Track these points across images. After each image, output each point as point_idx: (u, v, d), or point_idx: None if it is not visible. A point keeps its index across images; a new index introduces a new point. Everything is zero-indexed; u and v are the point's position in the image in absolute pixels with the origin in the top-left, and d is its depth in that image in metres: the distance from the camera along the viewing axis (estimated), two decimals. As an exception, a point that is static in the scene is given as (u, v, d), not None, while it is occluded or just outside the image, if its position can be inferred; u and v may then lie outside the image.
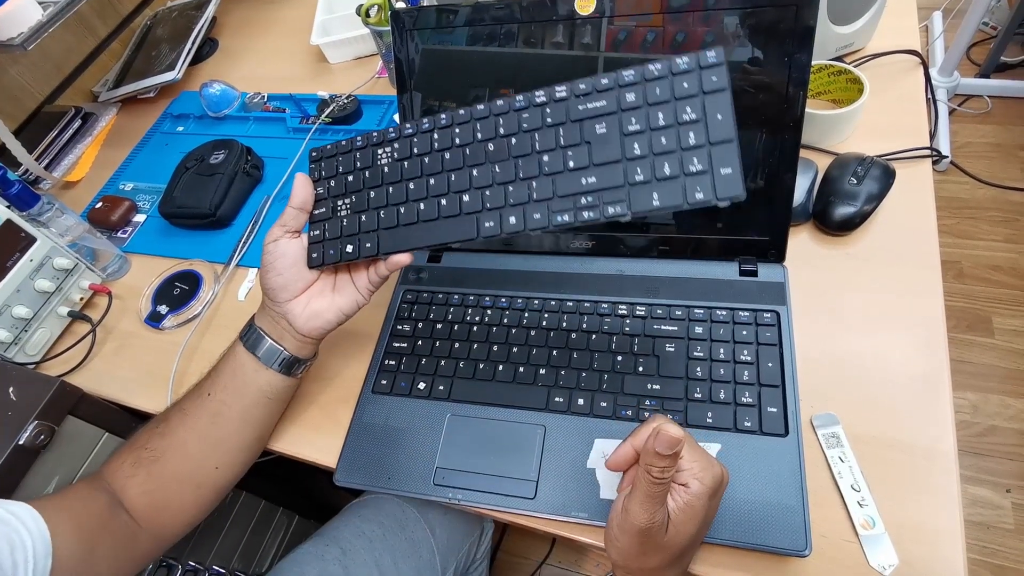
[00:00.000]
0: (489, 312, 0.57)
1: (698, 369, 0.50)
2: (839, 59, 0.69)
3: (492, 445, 0.50)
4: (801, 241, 0.58)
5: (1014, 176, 1.53)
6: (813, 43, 0.48)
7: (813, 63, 0.64)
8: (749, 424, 0.46)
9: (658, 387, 0.49)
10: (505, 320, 0.56)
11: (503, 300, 0.57)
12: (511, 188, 0.42)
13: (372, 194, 0.47)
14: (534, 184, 0.41)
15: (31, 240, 0.64)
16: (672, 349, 0.51)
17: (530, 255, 0.60)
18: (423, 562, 0.63)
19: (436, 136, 0.45)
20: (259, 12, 1.09)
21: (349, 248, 0.47)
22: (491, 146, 0.43)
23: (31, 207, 0.66)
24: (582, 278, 0.58)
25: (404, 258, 0.46)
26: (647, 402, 0.49)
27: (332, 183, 0.49)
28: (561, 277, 0.58)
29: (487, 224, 0.42)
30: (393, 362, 0.56)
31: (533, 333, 0.55)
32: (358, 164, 0.48)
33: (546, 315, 0.55)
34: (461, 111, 0.44)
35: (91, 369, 0.66)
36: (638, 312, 0.54)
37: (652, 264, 0.57)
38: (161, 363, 0.64)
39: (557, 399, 0.51)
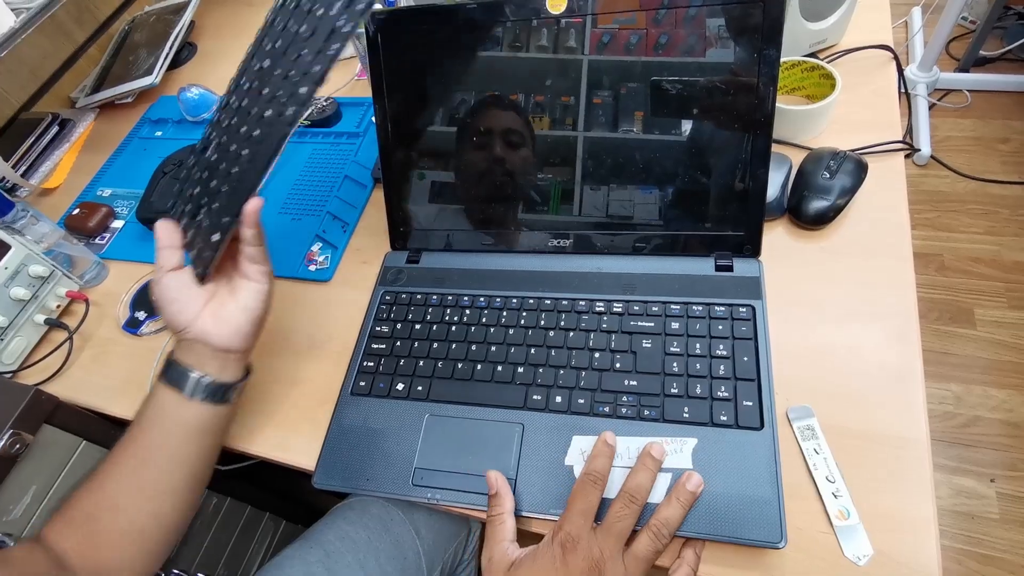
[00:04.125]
0: (467, 312, 0.57)
1: (675, 364, 0.50)
2: (813, 55, 0.70)
3: (470, 444, 0.50)
4: (776, 235, 0.58)
5: (994, 169, 1.55)
6: (781, 39, 0.49)
7: (787, 59, 0.65)
8: (725, 418, 0.47)
9: (635, 383, 0.50)
10: (483, 319, 0.56)
11: (481, 299, 0.57)
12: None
13: (204, 174, 0.50)
14: None
15: (5, 247, 0.63)
16: (649, 345, 0.51)
17: (508, 254, 0.60)
18: (408, 563, 0.63)
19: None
20: (238, 15, 1.08)
21: (215, 237, 0.47)
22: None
23: (5, 214, 0.66)
24: (560, 276, 0.58)
25: (253, 204, 0.46)
26: (624, 398, 0.49)
27: (178, 200, 0.52)
28: (539, 275, 0.58)
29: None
30: (372, 363, 0.56)
31: (511, 332, 0.55)
32: (190, 165, 0.53)
33: (524, 314, 0.56)
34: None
35: (69, 377, 0.65)
36: (615, 309, 0.54)
37: (629, 261, 0.57)
38: (139, 370, 0.63)
39: (535, 397, 0.51)
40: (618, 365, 0.51)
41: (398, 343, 0.56)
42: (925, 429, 0.46)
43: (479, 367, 0.53)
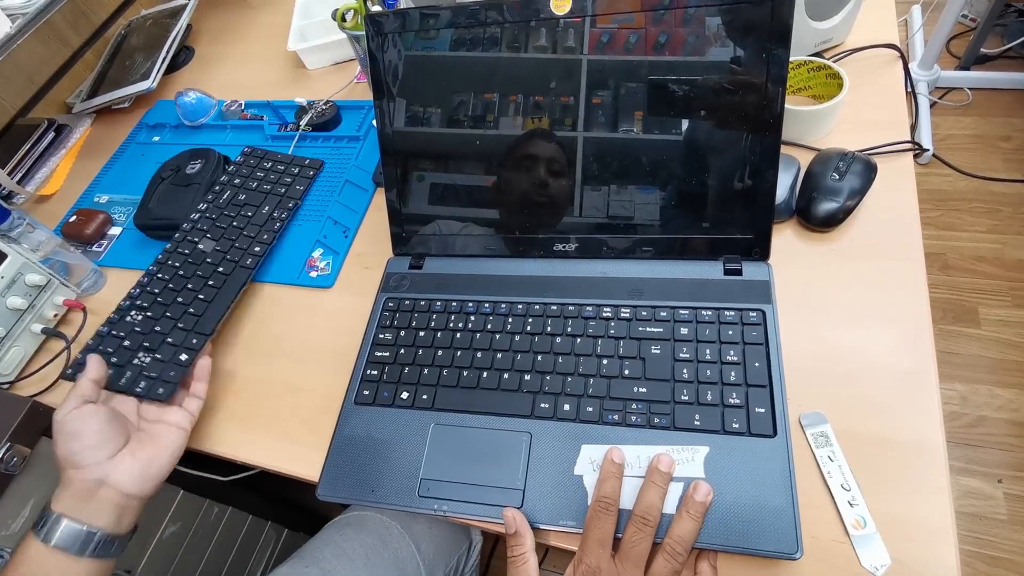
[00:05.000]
0: (472, 318, 0.56)
1: (684, 371, 0.49)
2: (818, 55, 0.69)
3: (477, 454, 0.49)
4: (785, 238, 0.57)
5: (996, 167, 1.54)
6: (790, 39, 0.48)
7: (792, 59, 0.64)
8: (737, 425, 0.46)
9: (644, 390, 0.49)
10: (488, 326, 0.55)
11: (486, 305, 0.56)
12: None
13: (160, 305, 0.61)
14: None
15: (1, 256, 0.62)
16: (658, 351, 0.50)
17: (513, 259, 0.59)
18: (409, 577, 0.62)
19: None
20: (235, 19, 1.07)
21: (183, 356, 0.56)
22: None
23: (1, 222, 0.65)
24: (566, 281, 0.57)
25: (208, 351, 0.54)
26: (634, 406, 0.48)
27: (123, 331, 0.59)
28: (545, 281, 0.57)
29: None
30: (375, 372, 0.55)
31: (517, 338, 0.54)
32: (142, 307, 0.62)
33: (530, 320, 0.55)
34: None
35: (67, 388, 0.64)
36: (623, 314, 0.53)
37: (636, 265, 0.56)
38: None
39: (543, 405, 0.50)
40: (627, 372, 0.50)
41: (402, 351, 0.55)
42: (941, 433, 0.45)
43: (485, 375, 0.52)
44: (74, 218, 0.78)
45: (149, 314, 0.60)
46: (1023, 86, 1.65)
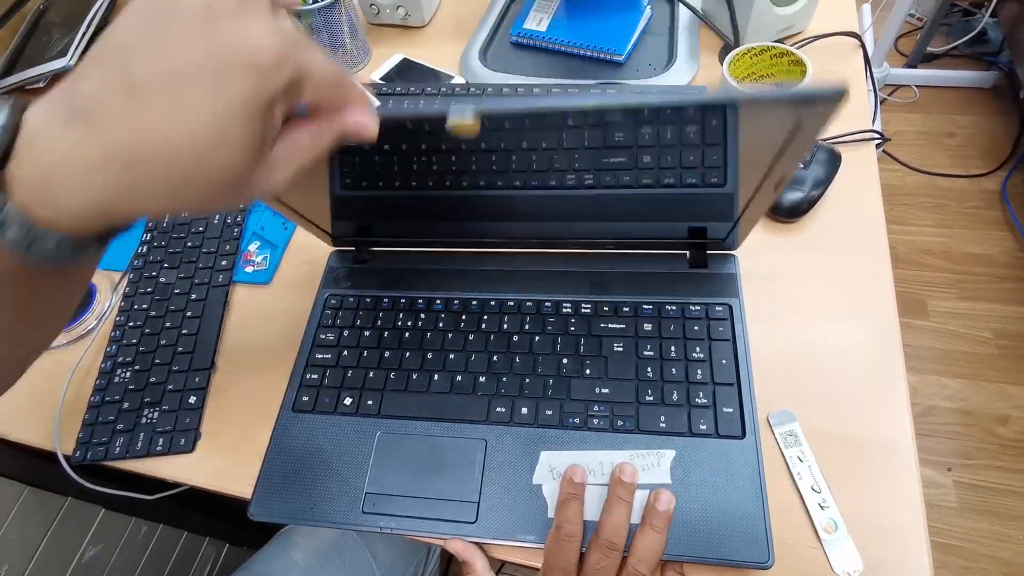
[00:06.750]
0: (422, 316, 0.52)
1: (649, 369, 0.46)
2: (780, 42, 0.67)
3: (428, 464, 0.45)
4: (750, 229, 0.55)
5: (942, 163, 1.59)
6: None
7: (755, 45, 0.62)
8: (704, 427, 0.43)
9: (607, 391, 0.46)
10: (440, 324, 0.51)
11: (437, 302, 0.52)
12: None
13: None
14: None
15: None
16: (620, 349, 0.47)
17: (466, 252, 0.55)
18: (364, 590, 0.58)
19: None
20: (168, -5, 0.99)
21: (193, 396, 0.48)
22: None
23: None
24: (523, 275, 0.53)
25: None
26: (596, 408, 0.45)
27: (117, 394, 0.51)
28: (500, 275, 0.54)
29: None
30: (316, 376, 0.50)
31: (471, 337, 0.50)
32: None
33: (485, 317, 0.51)
34: None
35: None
36: (583, 310, 0.50)
37: (596, 258, 0.53)
38: (49, 387, 0.56)
39: (499, 409, 0.46)
40: (588, 371, 0.47)
41: (345, 352, 0.51)
42: (910, 430, 0.44)
43: (436, 377, 0.48)
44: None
45: (137, 367, 0.54)
46: (967, 84, 1.70)
